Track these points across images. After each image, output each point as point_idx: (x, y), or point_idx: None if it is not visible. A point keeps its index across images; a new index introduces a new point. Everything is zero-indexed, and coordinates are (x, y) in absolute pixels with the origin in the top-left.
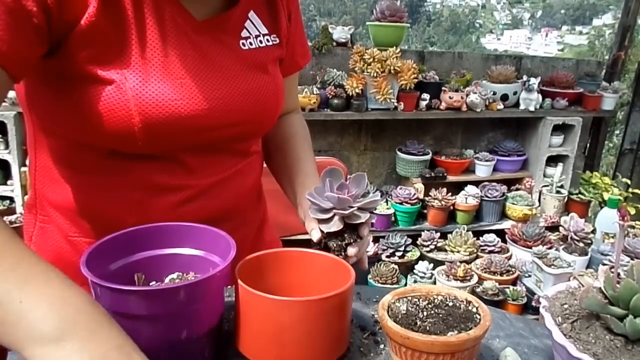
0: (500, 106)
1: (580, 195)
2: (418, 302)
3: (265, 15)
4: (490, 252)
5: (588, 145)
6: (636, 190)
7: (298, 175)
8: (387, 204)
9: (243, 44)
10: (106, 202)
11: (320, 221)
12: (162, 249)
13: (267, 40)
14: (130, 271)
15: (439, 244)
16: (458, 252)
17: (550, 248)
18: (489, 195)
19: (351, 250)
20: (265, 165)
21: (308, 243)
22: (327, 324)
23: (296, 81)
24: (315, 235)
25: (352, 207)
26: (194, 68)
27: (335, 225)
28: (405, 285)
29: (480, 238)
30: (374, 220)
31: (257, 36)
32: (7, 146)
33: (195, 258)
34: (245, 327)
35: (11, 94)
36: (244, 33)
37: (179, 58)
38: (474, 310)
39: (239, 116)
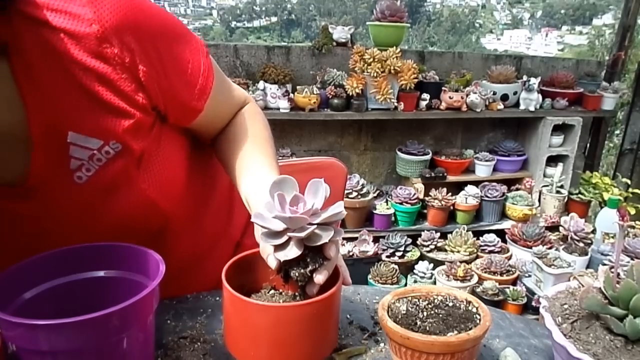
0: (500, 106)
1: (580, 195)
2: (418, 302)
3: (92, 126)
4: (490, 252)
5: (588, 145)
6: (636, 190)
7: (242, 176)
8: (387, 204)
9: (79, 177)
10: None
11: (275, 247)
12: (84, 273)
13: (106, 153)
14: (48, 298)
15: (439, 244)
16: (458, 252)
17: (550, 248)
18: (489, 195)
19: (319, 278)
20: None
21: None
22: (303, 330)
23: (219, 104)
24: (272, 263)
25: (311, 225)
26: (37, 239)
27: (292, 252)
28: (405, 285)
29: (480, 238)
30: (340, 237)
31: (91, 157)
32: None
33: (121, 280)
34: (228, 326)
35: None
36: (74, 163)
37: (18, 238)
38: (474, 310)
39: (111, 239)
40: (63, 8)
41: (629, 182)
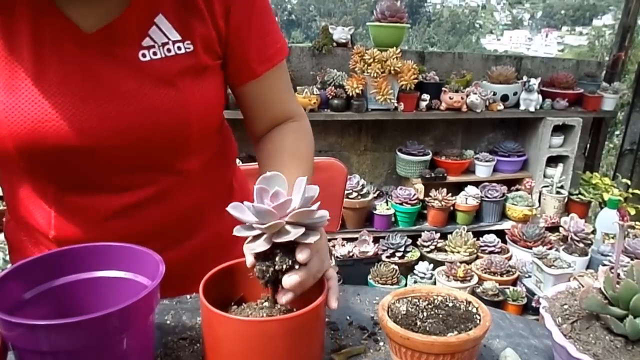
0: (501, 107)
1: (580, 196)
2: (418, 303)
3: (178, 19)
4: (490, 252)
5: (588, 145)
6: (636, 191)
7: None
8: (387, 205)
9: (144, 54)
10: (27, 212)
11: (249, 241)
12: (84, 273)
13: (178, 49)
14: (48, 299)
15: (439, 245)
16: (458, 252)
17: (550, 248)
18: (489, 195)
19: (285, 280)
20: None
21: None
22: (272, 347)
23: (275, 87)
24: (248, 260)
25: (279, 221)
26: (75, 87)
27: (260, 246)
28: (405, 285)
29: (480, 238)
30: (312, 240)
31: (164, 44)
32: None
33: (121, 280)
34: (206, 340)
35: None
36: (147, 42)
37: (58, 77)
38: (474, 310)
39: (131, 138)
40: None
41: (629, 182)
